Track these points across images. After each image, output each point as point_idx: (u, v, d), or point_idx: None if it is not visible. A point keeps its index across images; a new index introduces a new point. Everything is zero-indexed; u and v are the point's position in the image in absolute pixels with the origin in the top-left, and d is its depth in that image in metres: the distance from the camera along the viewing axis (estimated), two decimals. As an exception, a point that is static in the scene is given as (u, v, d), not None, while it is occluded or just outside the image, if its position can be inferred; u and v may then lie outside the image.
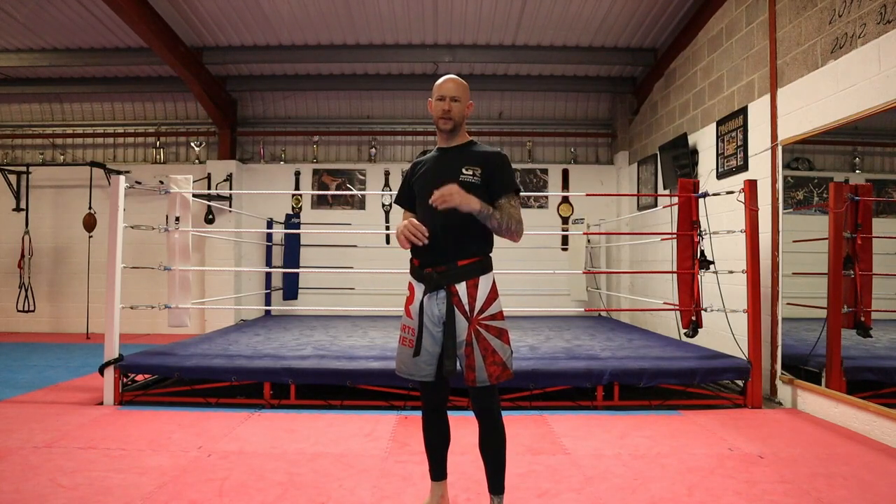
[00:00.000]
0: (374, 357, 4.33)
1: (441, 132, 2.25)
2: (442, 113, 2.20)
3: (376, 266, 7.79)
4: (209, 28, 6.73)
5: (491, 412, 2.16)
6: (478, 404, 2.17)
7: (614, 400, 4.04)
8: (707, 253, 4.59)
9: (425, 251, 2.17)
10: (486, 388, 2.13)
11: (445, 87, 2.21)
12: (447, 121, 2.21)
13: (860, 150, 4.07)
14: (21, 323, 7.87)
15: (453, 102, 2.20)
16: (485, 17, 6.46)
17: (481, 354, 2.11)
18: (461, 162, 2.19)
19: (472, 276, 2.15)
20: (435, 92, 2.24)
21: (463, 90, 2.23)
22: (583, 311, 7.50)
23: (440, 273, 2.15)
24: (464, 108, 2.23)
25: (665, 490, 2.63)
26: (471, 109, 2.28)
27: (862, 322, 3.84)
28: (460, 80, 2.25)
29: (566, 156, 8.41)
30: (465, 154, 2.23)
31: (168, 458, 2.96)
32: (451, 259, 2.15)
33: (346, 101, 8.32)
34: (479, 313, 2.13)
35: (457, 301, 2.13)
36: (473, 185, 2.13)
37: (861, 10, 3.54)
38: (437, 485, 2.33)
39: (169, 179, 4.78)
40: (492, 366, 2.11)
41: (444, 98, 2.20)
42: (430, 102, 2.26)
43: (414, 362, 2.18)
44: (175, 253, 4.66)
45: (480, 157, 2.20)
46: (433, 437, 2.30)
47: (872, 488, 2.65)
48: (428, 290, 2.17)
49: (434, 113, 2.23)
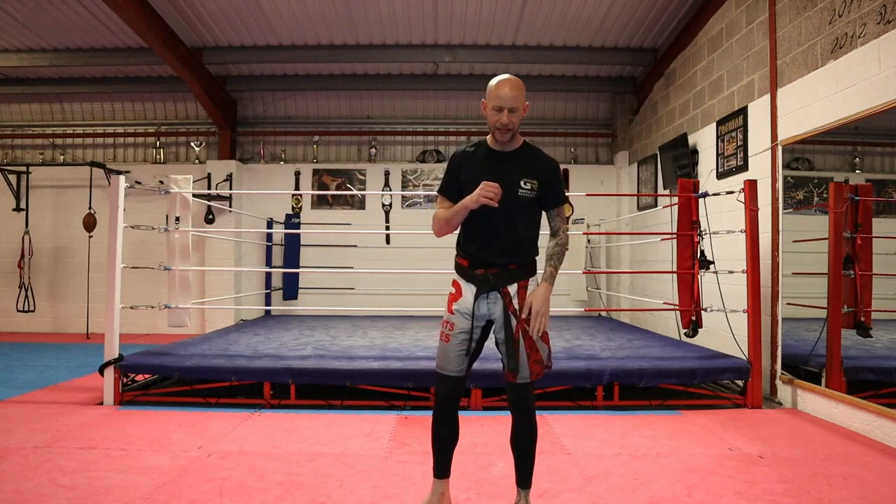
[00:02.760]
0: (374, 357, 4.33)
1: (497, 141, 2.19)
2: (500, 125, 2.12)
3: (376, 266, 7.78)
4: (209, 28, 6.73)
5: (529, 408, 2.21)
6: (516, 400, 2.22)
7: (614, 400, 4.04)
8: (707, 253, 4.59)
9: (476, 253, 2.22)
10: (527, 384, 2.19)
11: (505, 97, 2.09)
12: (506, 132, 2.14)
13: (860, 150, 4.07)
14: (21, 323, 7.87)
15: (511, 114, 2.10)
16: (485, 17, 6.46)
17: (526, 353, 2.17)
18: (519, 173, 2.16)
19: (523, 278, 2.22)
20: (492, 98, 2.12)
21: (522, 96, 2.12)
22: (583, 311, 7.50)
23: (494, 276, 2.19)
24: (521, 115, 2.14)
25: (665, 490, 2.63)
26: (526, 111, 2.17)
27: (862, 322, 3.84)
28: (517, 82, 2.12)
29: (566, 156, 8.41)
30: (524, 163, 2.19)
31: (168, 458, 2.96)
32: (504, 262, 2.20)
33: (346, 101, 8.32)
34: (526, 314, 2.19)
35: (509, 302, 2.19)
36: (530, 200, 2.19)
37: (861, 10, 3.54)
38: (439, 482, 2.32)
39: (169, 179, 4.78)
40: (534, 364, 2.19)
41: (503, 109, 2.10)
42: (485, 104, 2.17)
43: (449, 357, 2.22)
44: (175, 253, 4.66)
45: (538, 170, 2.19)
46: (445, 433, 2.29)
47: (872, 488, 2.65)
48: (481, 290, 2.20)
49: (491, 122, 2.14)
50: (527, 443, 2.23)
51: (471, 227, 2.22)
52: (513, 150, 2.22)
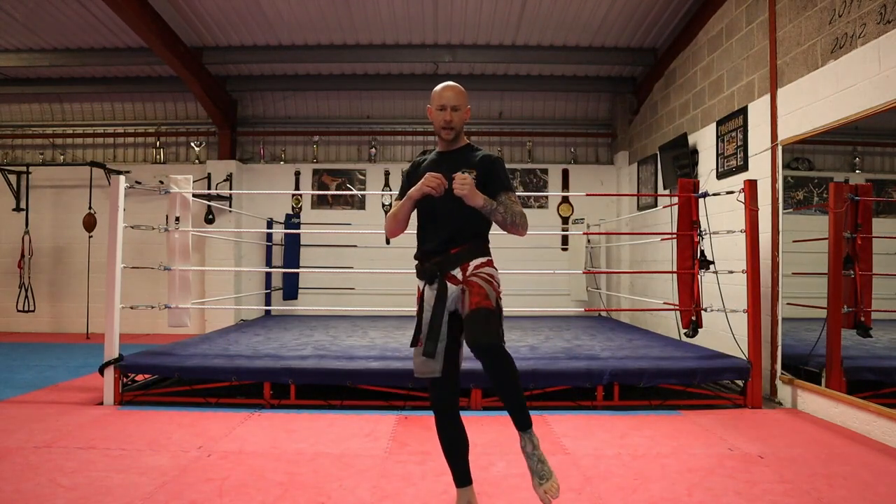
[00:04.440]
0: (374, 357, 4.33)
1: (442, 140, 2.31)
2: (444, 123, 2.25)
3: (376, 266, 7.78)
4: (209, 28, 6.73)
5: (494, 346, 2.03)
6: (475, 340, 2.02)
7: (614, 400, 4.04)
8: (707, 253, 4.59)
9: (423, 248, 2.28)
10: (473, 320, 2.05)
11: (445, 97, 2.25)
12: (449, 131, 2.27)
13: (860, 150, 4.08)
14: (21, 323, 7.87)
15: (454, 112, 2.25)
16: (485, 17, 6.45)
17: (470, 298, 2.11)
18: (459, 165, 2.24)
19: (465, 260, 2.21)
20: (434, 101, 2.27)
21: (462, 98, 2.27)
22: (583, 311, 7.50)
23: (435, 263, 2.22)
24: (463, 115, 2.28)
25: (665, 490, 2.63)
26: (468, 115, 2.32)
27: (862, 322, 3.84)
28: (458, 86, 2.28)
29: (566, 156, 8.41)
30: (463, 158, 2.29)
31: (168, 458, 2.96)
32: (443, 249, 2.22)
33: (346, 101, 8.32)
34: (471, 273, 2.17)
35: (449, 276, 2.20)
36: None
37: (861, 10, 3.54)
38: (463, 491, 2.25)
39: (169, 179, 4.78)
40: (475, 296, 2.10)
41: (445, 108, 2.24)
42: (430, 110, 2.30)
43: (422, 360, 2.18)
44: (175, 253, 4.66)
45: (476, 161, 2.28)
46: (450, 440, 2.25)
47: (872, 488, 2.65)
48: (430, 281, 2.22)
49: (435, 122, 2.28)
50: (510, 382, 2.06)
51: (420, 225, 2.31)
52: (456, 149, 2.33)
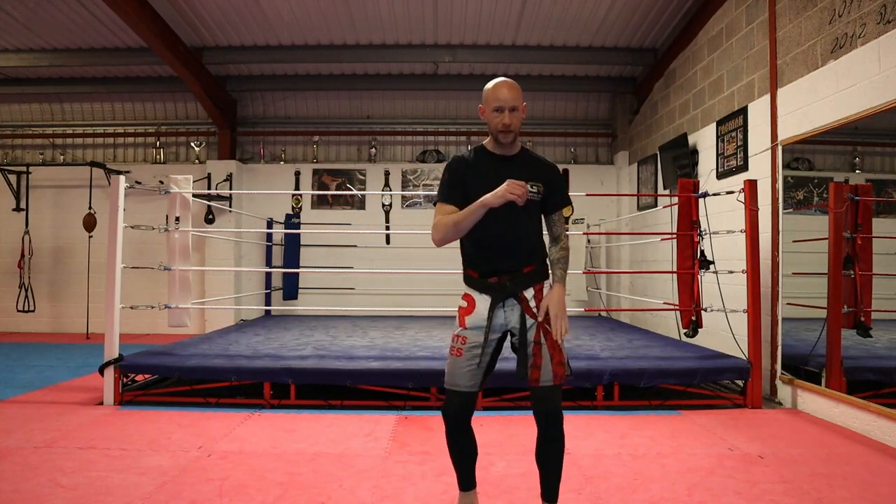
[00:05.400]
0: (374, 357, 4.33)
1: (499, 144, 2.15)
2: (503, 127, 2.08)
3: (376, 266, 7.78)
4: (209, 28, 6.73)
5: (557, 415, 2.08)
6: (543, 407, 2.09)
7: (614, 400, 4.04)
8: (707, 253, 4.59)
9: (486, 261, 2.15)
10: (551, 388, 2.08)
11: (502, 98, 2.07)
12: (508, 134, 2.10)
13: (860, 150, 4.08)
14: (21, 323, 7.87)
15: (512, 114, 2.08)
16: (485, 17, 6.45)
17: (549, 353, 2.08)
18: (526, 176, 2.08)
19: (538, 281, 2.15)
20: (489, 101, 2.10)
21: (519, 96, 2.10)
22: (583, 311, 7.49)
23: (510, 281, 2.12)
24: (521, 115, 2.11)
25: (665, 490, 2.63)
26: (525, 112, 2.15)
27: (862, 322, 3.84)
28: (514, 83, 2.11)
29: (566, 156, 8.41)
30: (527, 167, 2.15)
31: (168, 458, 2.96)
32: (516, 267, 2.12)
33: (346, 101, 8.31)
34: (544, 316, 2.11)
35: (526, 306, 2.11)
36: (536, 203, 2.14)
37: (861, 10, 3.54)
38: (466, 494, 2.25)
39: (169, 179, 4.78)
40: (558, 366, 2.09)
41: (503, 109, 2.07)
42: (482, 110, 2.14)
43: (460, 372, 2.12)
44: (175, 253, 4.66)
45: (542, 174, 2.16)
46: (463, 449, 2.21)
47: (872, 488, 2.65)
48: (497, 299, 2.12)
49: (491, 125, 2.11)
50: (555, 455, 2.10)
51: (477, 234, 2.11)
52: (515, 154, 2.18)
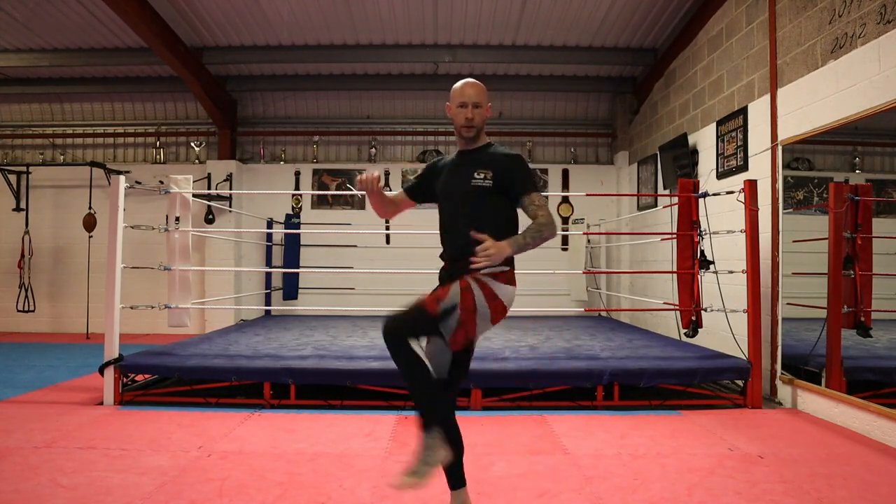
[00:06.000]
0: (374, 357, 4.33)
1: (462, 139, 2.25)
2: (465, 122, 2.19)
3: (376, 266, 7.79)
4: (209, 28, 6.73)
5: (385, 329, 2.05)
6: None
7: (614, 400, 4.04)
8: (707, 253, 4.59)
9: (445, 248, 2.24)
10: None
11: (466, 94, 2.19)
12: (470, 129, 2.20)
13: (860, 150, 4.08)
14: (21, 323, 7.86)
15: (475, 109, 2.18)
16: (485, 17, 6.45)
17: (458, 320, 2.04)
18: (475, 165, 2.19)
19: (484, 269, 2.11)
20: (454, 98, 2.21)
21: (483, 95, 2.21)
22: (583, 311, 7.49)
23: (451, 267, 2.19)
24: (484, 112, 2.22)
25: (665, 490, 2.63)
26: (490, 112, 2.26)
27: (862, 322, 3.84)
28: (479, 83, 2.22)
29: (566, 156, 8.41)
30: (480, 158, 2.22)
31: (168, 458, 2.96)
32: (464, 254, 2.11)
33: (346, 101, 8.31)
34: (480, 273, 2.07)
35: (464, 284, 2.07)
36: (484, 189, 2.15)
37: (861, 10, 3.54)
38: (457, 493, 2.23)
39: (169, 179, 4.78)
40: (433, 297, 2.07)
41: (466, 105, 2.18)
42: (449, 107, 2.25)
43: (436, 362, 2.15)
44: (175, 253, 4.66)
45: (493, 162, 2.19)
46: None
47: (872, 488, 2.65)
48: (443, 282, 2.19)
49: (456, 121, 2.22)
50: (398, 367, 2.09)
51: (441, 224, 2.26)
52: (476, 148, 2.27)
